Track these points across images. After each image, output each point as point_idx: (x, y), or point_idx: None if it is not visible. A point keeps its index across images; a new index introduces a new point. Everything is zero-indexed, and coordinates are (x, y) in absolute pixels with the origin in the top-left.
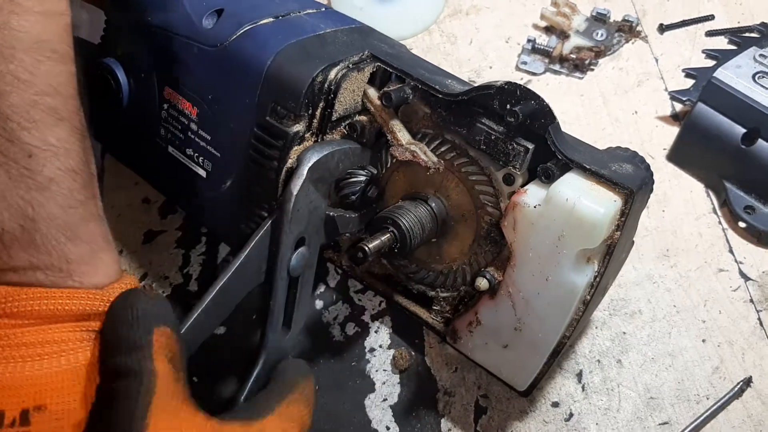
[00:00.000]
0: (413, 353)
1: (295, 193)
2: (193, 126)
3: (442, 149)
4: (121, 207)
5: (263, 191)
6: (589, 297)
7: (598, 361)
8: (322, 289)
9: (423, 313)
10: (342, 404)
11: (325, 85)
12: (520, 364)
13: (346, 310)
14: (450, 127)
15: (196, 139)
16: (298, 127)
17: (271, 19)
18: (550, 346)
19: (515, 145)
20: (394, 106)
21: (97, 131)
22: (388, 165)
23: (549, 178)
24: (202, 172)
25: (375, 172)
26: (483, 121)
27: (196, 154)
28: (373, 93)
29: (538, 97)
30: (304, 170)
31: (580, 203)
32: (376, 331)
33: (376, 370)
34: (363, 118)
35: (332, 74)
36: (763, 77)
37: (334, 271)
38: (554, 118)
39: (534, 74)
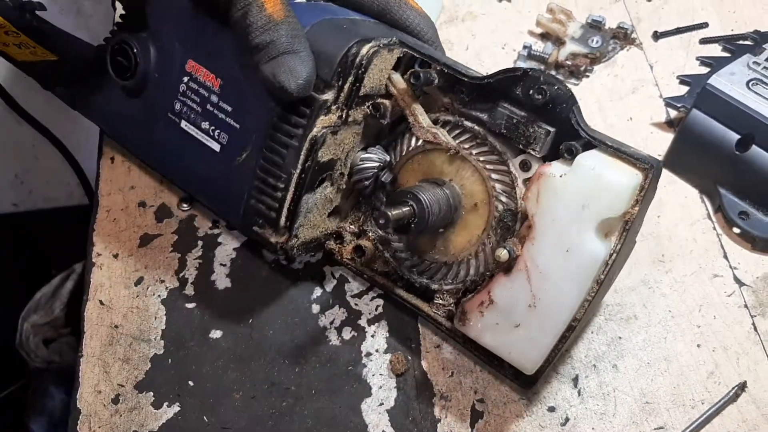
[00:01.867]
0: (410, 357)
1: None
2: (214, 98)
3: (462, 138)
4: (116, 211)
5: (284, 160)
6: (603, 276)
7: (594, 365)
8: (318, 293)
9: (425, 307)
10: (338, 408)
11: (357, 59)
12: (531, 344)
13: (343, 314)
14: (471, 113)
15: (215, 111)
16: (327, 96)
17: (305, 0)
18: (563, 324)
19: (536, 128)
20: (421, 85)
21: (101, 113)
22: (404, 153)
23: (572, 155)
24: (216, 146)
25: (388, 158)
26: (505, 105)
27: (213, 127)
28: (397, 77)
29: (561, 81)
30: None
31: (606, 172)
32: (372, 336)
33: (373, 375)
34: (386, 101)
35: (364, 50)
36: (757, 84)
37: (331, 275)
38: (575, 101)
39: None
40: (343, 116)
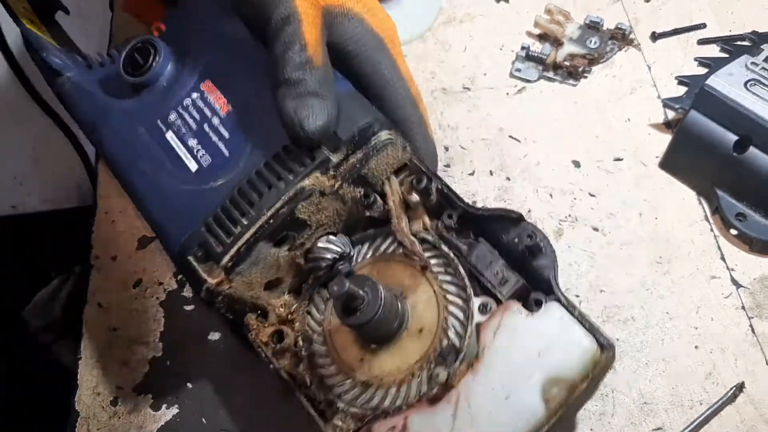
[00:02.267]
0: None
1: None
2: (215, 120)
3: (434, 261)
4: (114, 213)
5: (260, 198)
6: None
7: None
8: None
9: (321, 423)
10: None
11: (373, 138)
12: None
13: None
14: (452, 240)
15: (210, 133)
16: (332, 157)
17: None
18: None
19: (510, 274)
20: (420, 196)
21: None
22: (369, 255)
23: (540, 306)
24: (194, 166)
25: (352, 253)
26: (487, 242)
27: (199, 147)
28: (395, 181)
29: (547, 239)
30: None
31: (570, 330)
32: None
33: None
34: (376, 194)
35: (384, 134)
36: (755, 85)
37: None
38: (556, 258)
39: (528, 81)
40: (336, 186)
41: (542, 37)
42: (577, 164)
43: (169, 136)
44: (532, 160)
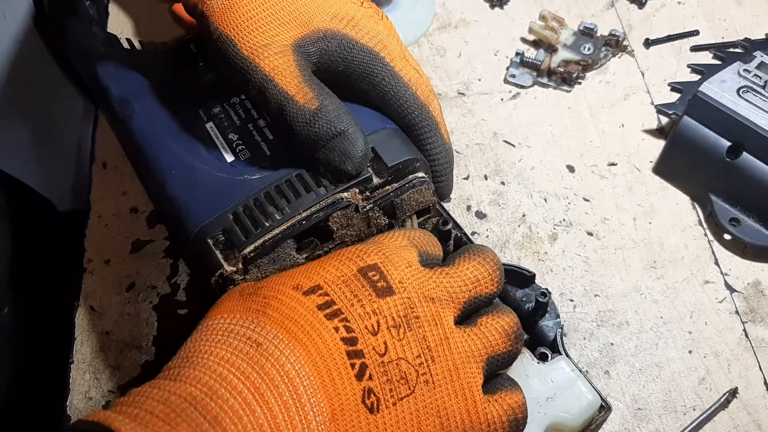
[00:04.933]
0: None
1: None
2: (261, 123)
3: None
4: (108, 216)
5: (297, 198)
6: None
7: (586, 371)
8: None
9: None
10: None
11: (411, 175)
12: None
13: None
14: None
15: (254, 132)
16: (373, 179)
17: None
18: None
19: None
20: (438, 238)
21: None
22: None
23: (545, 360)
24: (230, 157)
25: None
26: None
27: (239, 142)
28: (416, 220)
29: (554, 306)
30: None
31: (581, 381)
32: None
33: None
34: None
35: (421, 173)
36: (748, 92)
37: None
38: (561, 322)
39: (522, 87)
40: (367, 208)
41: (536, 43)
42: (571, 169)
43: (209, 126)
44: (526, 165)
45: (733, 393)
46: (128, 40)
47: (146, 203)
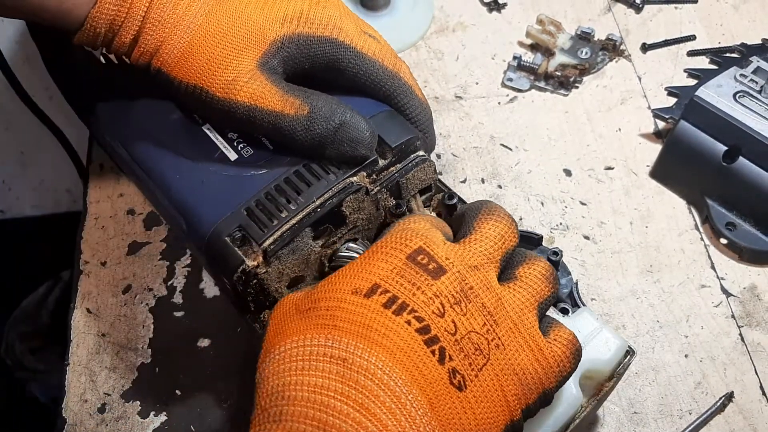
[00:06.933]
0: None
1: None
2: None
3: None
4: (104, 218)
5: (308, 187)
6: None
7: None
8: None
9: None
10: None
11: (414, 153)
12: None
13: None
14: None
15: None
16: (378, 161)
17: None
18: None
19: None
20: (444, 215)
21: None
22: None
23: (566, 314)
24: (233, 156)
25: None
26: None
27: (240, 140)
28: (419, 198)
29: (564, 265)
30: None
31: (606, 329)
32: None
33: None
34: (405, 208)
35: (421, 152)
36: (744, 96)
37: None
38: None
39: (520, 91)
40: (375, 191)
41: (534, 47)
42: (568, 173)
43: (206, 128)
44: (523, 169)
45: (729, 397)
46: (104, 55)
47: (143, 205)
